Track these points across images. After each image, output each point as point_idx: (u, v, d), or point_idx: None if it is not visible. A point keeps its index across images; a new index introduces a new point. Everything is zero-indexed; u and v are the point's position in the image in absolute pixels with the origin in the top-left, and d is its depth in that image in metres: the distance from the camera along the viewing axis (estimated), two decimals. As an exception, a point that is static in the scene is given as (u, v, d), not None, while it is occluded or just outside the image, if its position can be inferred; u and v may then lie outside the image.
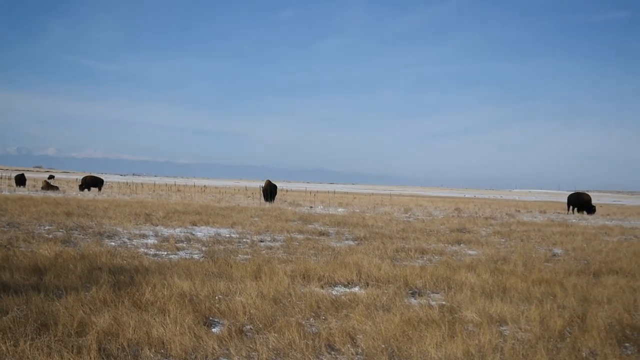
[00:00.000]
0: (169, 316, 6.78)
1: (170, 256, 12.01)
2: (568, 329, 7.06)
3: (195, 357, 5.82)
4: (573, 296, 8.88)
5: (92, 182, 46.13)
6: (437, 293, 9.25)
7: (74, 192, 40.59)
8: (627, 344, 6.61)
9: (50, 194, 36.55)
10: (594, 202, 40.37)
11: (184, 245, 13.92)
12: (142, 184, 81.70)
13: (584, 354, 6.11)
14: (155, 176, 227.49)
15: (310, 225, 20.60)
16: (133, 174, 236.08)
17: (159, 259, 11.48)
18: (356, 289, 9.32)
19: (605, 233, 22.23)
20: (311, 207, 34.66)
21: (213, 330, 6.67)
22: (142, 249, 12.76)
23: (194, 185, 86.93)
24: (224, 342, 6.18)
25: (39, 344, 5.60)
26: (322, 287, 9.29)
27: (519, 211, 39.76)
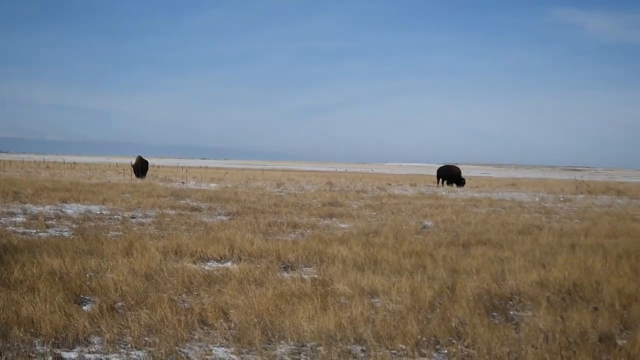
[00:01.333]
0: (38, 295, 6.76)
1: (40, 234, 11.93)
2: (438, 299, 7.54)
3: (66, 335, 5.83)
4: (443, 267, 9.46)
5: None
6: (310, 267, 9.62)
7: None
8: (495, 314, 7.15)
9: None
10: (463, 174, 42.38)
11: (54, 222, 13.88)
12: (9, 161, 77.87)
13: (453, 324, 6.55)
14: (24, 153, 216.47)
15: (182, 201, 20.85)
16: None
17: (28, 237, 11.42)
18: (229, 264, 9.60)
19: (474, 205, 23.53)
20: (183, 182, 35.00)
21: (84, 308, 6.71)
22: (10, 227, 12.70)
23: (64, 162, 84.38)
24: (95, 319, 6.23)
25: None
26: (194, 262, 9.55)
27: (390, 184, 41.17)
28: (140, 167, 39.08)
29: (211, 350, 5.71)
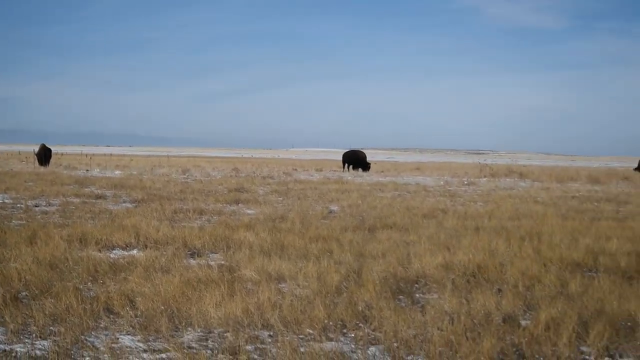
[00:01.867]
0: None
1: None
2: (345, 283, 7.64)
3: (-33, 327, 5.68)
4: (349, 252, 9.58)
5: None
6: (216, 253, 9.69)
7: None
8: (401, 297, 7.30)
9: None
10: (368, 159, 42.95)
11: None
12: None
13: (360, 308, 6.67)
14: None
15: (86, 189, 20.62)
16: None
17: None
18: (135, 252, 9.63)
19: (380, 189, 23.91)
20: (87, 170, 34.57)
21: (-13, 298, 6.54)
22: None
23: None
24: (-2, 309, 6.11)
25: None
26: (99, 250, 9.55)
27: (296, 170, 41.32)
28: (44, 155, 38.44)
29: (117, 338, 5.69)
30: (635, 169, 44.69)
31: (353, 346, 5.69)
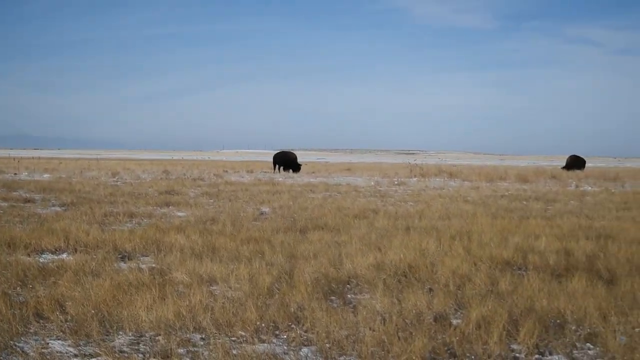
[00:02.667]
0: None
1: None
2: (276, 285, 7.64)
3: None
4: (281, 253, 9.59)
5: None
6: (147, 256, 9.64)
7: None
8: (333, 297, 7.33)
9: None
10: (299, 160, 43.05)
11: None
12: None
13: (292, 309, 6.68)
14: None
15: (14, 193, 20.29)
16: None
17: None
18: (64, 256, 9.53)
19: (311, 190, 23.98)
20: (15, 173, 33.81)
21: None
22: None
23: None
24: None
25: None
26: (29, 255, 9.44)
27: (227, 171, 41.10)
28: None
29: (47, 343, 5.62)
30: (563, 167, 45.99)
31: (285, 347, 5.69)
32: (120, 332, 5.98)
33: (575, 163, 46.74)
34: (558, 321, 6.39)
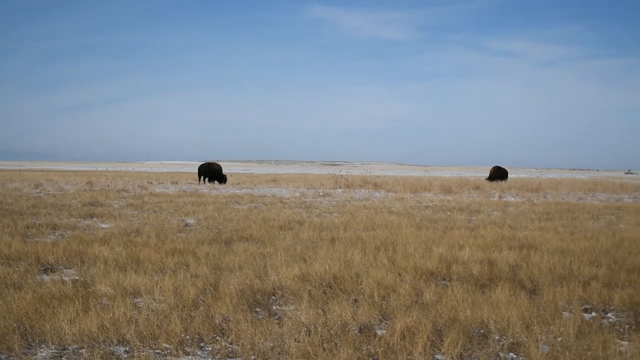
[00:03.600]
0: None
1: None
2: (201, 297, 7.60)
3: None
4: (206, 265, 9.53)
5: None
6: (70, 268, 9.50)
7: None
8: (258, 309, 7.32)
9: None
10: (224, 171, 42.84)
11: None
12: None
13: (217, 321, 6.64)
14: None
15: None
16: None
17: None
18: None
19: (236, 201, 23.88)
20: None
21: None
22: None
23: None
24: None
25: None
26: None
27: (151, 183, 40.53)
28: None
29: (-36, 359, 5.42)
30: (487, 179, 46.91)
31: (210, 360, 5.67)
32: (43, 346, 5.89)
33: (498, 174, 47.69)
34: (482, 331, 6.50)
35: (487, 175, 49.67)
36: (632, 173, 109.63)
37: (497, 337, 6.30)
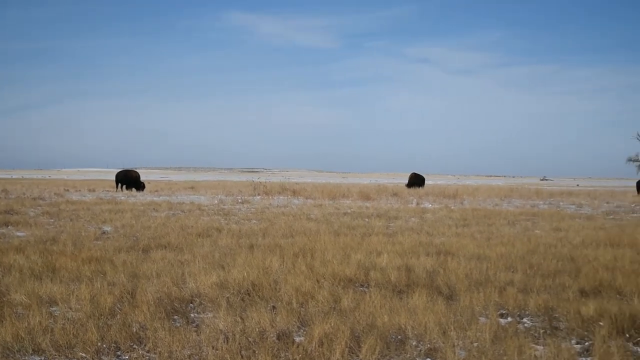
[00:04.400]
0: None
1: None
2: (118, 305, 7.47)
3: None
4: (123, 273, 9.38)
5: None
6: None
7: None
8: (176, 317, 7.24)
9: None
10: (142, 178, 42.19)
11: None
12: None
13: (134, 329, 6.54)
14: None
15: None
16: None
17: None
18: None
19: (154, 209, 23.53)
20: None
21: None
22: None
23: None
24: None
25: None
26: None
27: (68, 190, 39.55)
28: None
29: None
30: (406, 185, 47.49)
31: (127, 369, 5.58)
32: (-47, 357, 5.66)
33: (416, 181, 48.28)
34: (399, 337, 6.55)
35: (406, 181, 50.27)
36: (547, 179, 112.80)
37: (414, 343, 6.35)
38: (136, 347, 6.10)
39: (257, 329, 6.59)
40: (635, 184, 46.28)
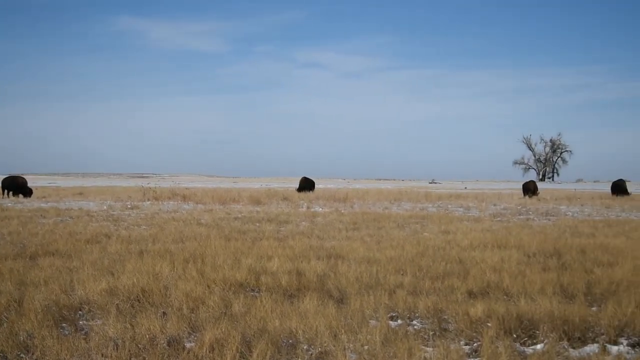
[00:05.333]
0: None
1: None
2: (5, 314, 7.26)
3: None
4: (10, 281, 9.08)
5: None
6: None
7: None
8: (64, 324, 7.07)
9: None
10: (30, 184, 40.68)
11: None
12: None
13: (21, 338, 6.37)
14: None
15: None
16: None
17: None
18: None
19: (42, 215, 22.74)
20: None
21: None
22: None
23: None
24: None
25: None
26: None
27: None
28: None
29: None
30: (297, 190, 47.48)
31: (13, 379, 5.42)
32: None
33: (306, 185, 48.38)
34: (290, 341, 6.59)
35: (297, 186, 50.36)
36: (436, 182, 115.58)
37: (305, 347, 6.40)
38: (24, 355, 5.95)
39: (147, 336, 6.52)
40: (521, 186, 47.64)
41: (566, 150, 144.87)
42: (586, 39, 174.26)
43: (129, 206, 29.30)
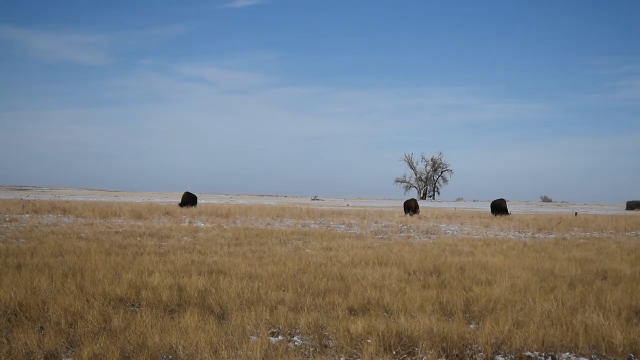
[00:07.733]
0: None
1: None
2: None
3: None
4: None
5: None
6: None
7: None
8: None
9: None
10: None
11: None
12: None
13: None
14: None
15: None
16: None
17: None
18: None
19: None
20: None
21: None
22: None
23: None
24: None
25: None
26: None
27: None
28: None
29: None
30: (180, 204, 46.46)
31: None
32: None
33: (188, 200, 47.61)
34: (170, 356, 6.43)
35: (179, 200, 49.48)
36: (318, 199, 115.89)
37: (183, 363, 6.21)
38: None
39: (24, 351, 6.20)
40: (402, 204, 48.15)
41: (447, 170, 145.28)
42: (465, 60, 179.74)
43: (7, 219, 27.81)
